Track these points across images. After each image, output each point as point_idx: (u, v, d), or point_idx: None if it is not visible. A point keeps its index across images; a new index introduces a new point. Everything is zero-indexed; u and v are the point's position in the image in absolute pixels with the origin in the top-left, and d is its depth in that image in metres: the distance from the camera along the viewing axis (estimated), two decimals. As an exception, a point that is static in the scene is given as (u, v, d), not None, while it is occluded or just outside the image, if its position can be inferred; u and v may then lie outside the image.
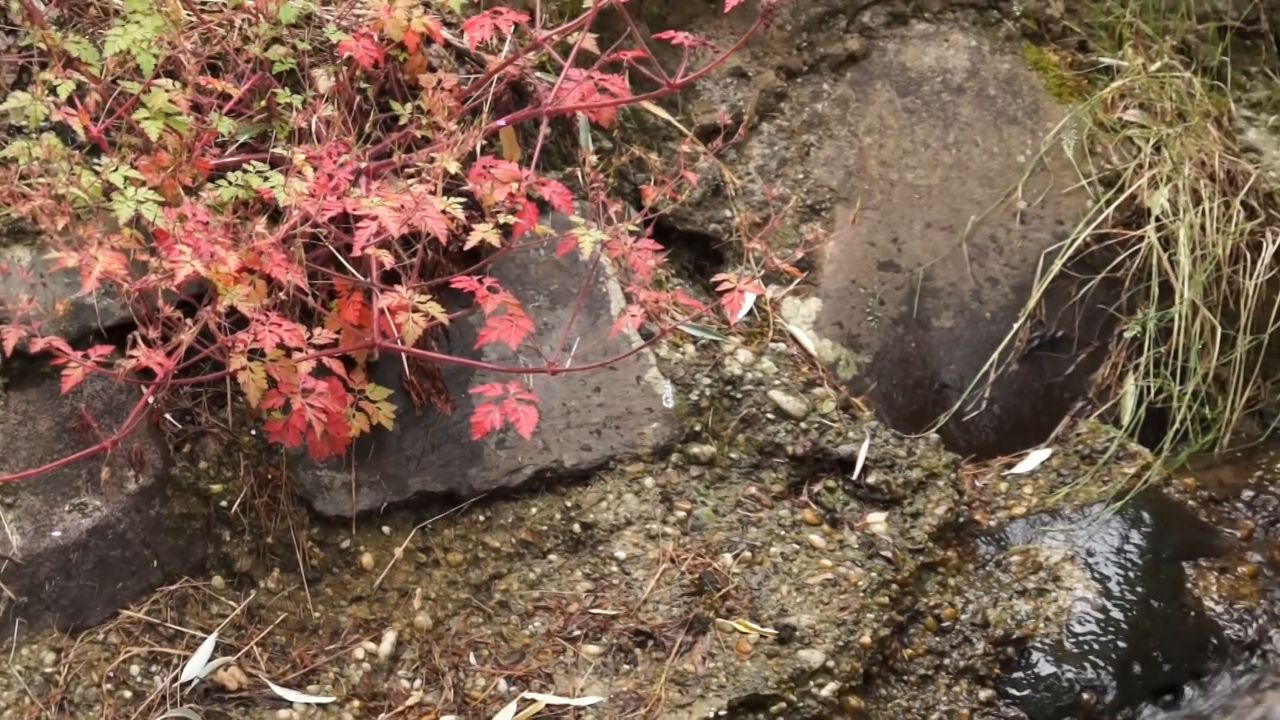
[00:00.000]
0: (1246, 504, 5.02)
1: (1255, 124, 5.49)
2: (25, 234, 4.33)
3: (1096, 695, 4.70)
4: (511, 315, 4.28)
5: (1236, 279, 5.13)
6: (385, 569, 4.58)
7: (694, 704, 4.48)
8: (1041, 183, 5.22)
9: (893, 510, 4.83)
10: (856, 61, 5.26)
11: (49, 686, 4.26)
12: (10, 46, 4.45)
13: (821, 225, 5.07)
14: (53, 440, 4.34)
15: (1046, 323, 5.14)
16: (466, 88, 4.55)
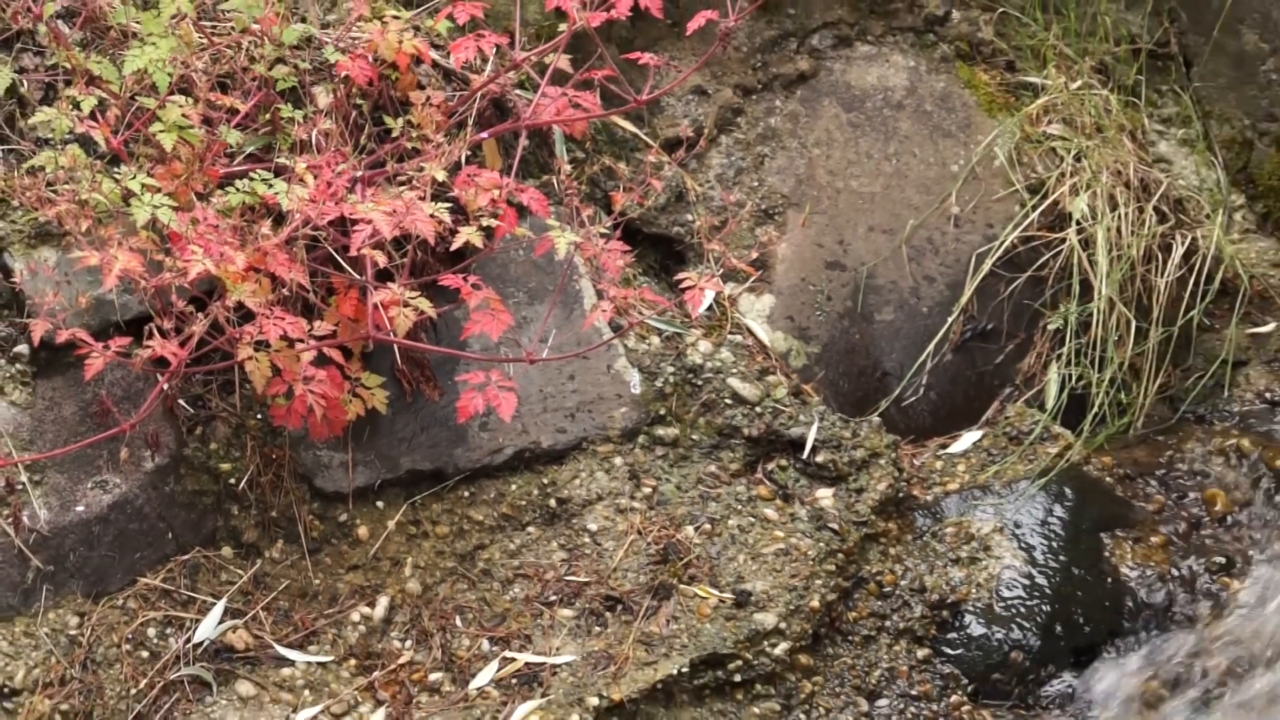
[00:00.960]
0: (1158, 480, 5.01)
1: (1166, 137, 5.50)
2: (52, 236, 4.33)
3: (1023, 654, 4.70)
4: (493, 310, 4.29)
5: (1149, 277, 5.12)
6: (379, 540, 4.58)
7: (659, 662, 4.47)
8: (973, 190, 5.22)
9: (839, 486, 4.82)
10: (806, 80, 5.25)
11: (73, 647, 4.26)
12: (38, 66, 4.44)
13: (774, 228, 5.06)
14: (76, 423, 4.34)
15: (978, 317, 5.14)
16: (452, 104, 4.54)
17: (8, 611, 4.25)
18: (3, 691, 4.19)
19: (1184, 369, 5.23)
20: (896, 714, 4.68)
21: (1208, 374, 5.24)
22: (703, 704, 4.54)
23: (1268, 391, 5.25)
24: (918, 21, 5.38)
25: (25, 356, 4.35)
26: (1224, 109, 5.53)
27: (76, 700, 4.23)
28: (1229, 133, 5.52)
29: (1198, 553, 4.88)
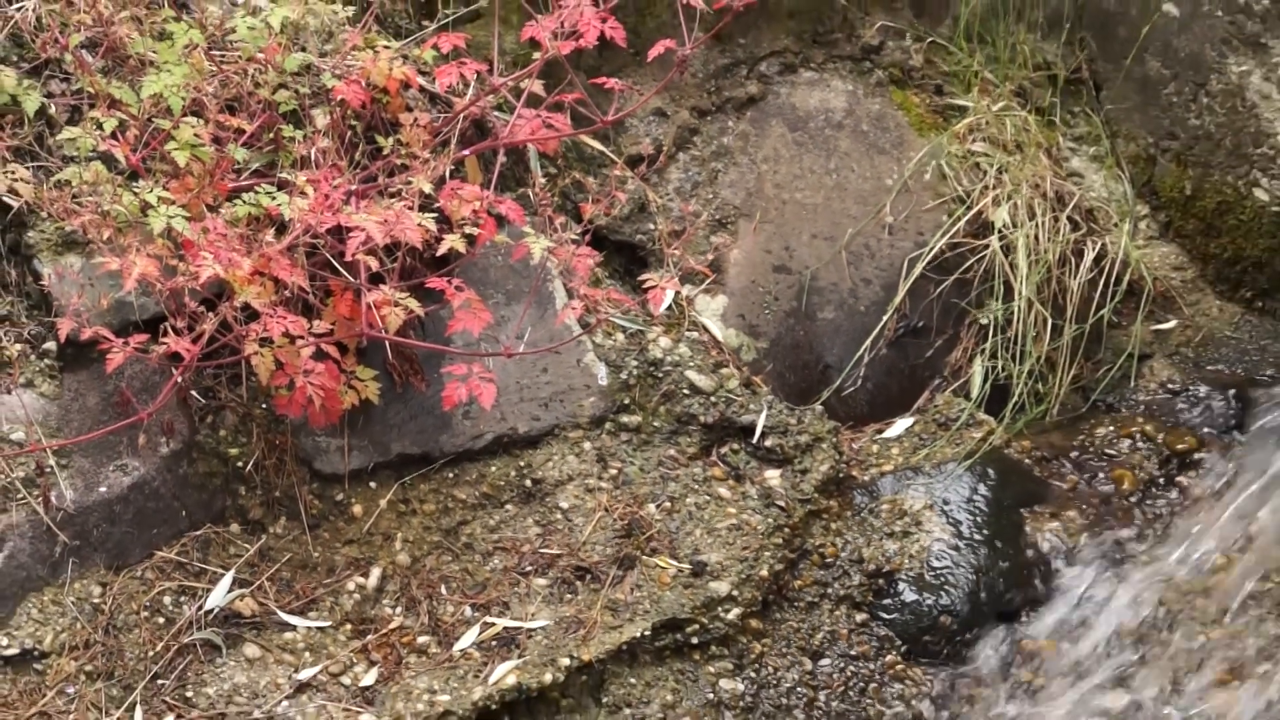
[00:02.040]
0: (1072, 462, 5.02)
1: (1078, 153, 5.50)
2: (76, 243, 4.32)
3: (951, 618, 4.71)
4: (475, 309, 4.29)
5: (1064, 279, 5.12)
6: (372, 517, 4.58)
7: (624, 626, 4.48)
8: (906, 201, 5.21)
9: (785, 468, 4.82)
10: (755, 103, 5.25)
11: (96, 614, 4.26)
12: (65, 90, 4.42)
13: (727, 236, 5.06)
14: (99, 412, 4.34)
15: (910, 315, 5.13)
16: (437, 124, 4.54)
17: (37, 582, 4.25)
18: (33, 654, 4.19)
19: (1095, 362, 5.22)
20: (838, 672, 4.67)
21: (1116, 366, 5.24)
22: (663, 664, 4.54)
23: (1169, 382, 5.24)
24: (855, 50, 5.38)
25: (53, 352, 4.33)
26: (1130, 129, 5.54)
27: (99, 662, 4.23)
28: (1134, 150, 5.53)
29: (1107, 526, 4.89)
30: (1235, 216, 5.35)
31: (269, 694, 4.30)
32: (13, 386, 4.27)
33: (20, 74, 4.41)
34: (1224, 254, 5.40)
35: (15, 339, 4.31)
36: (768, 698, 4.60)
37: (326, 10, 4.53)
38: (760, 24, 5.15)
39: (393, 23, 4.73)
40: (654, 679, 4.53)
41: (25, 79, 4.40)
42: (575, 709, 4.46)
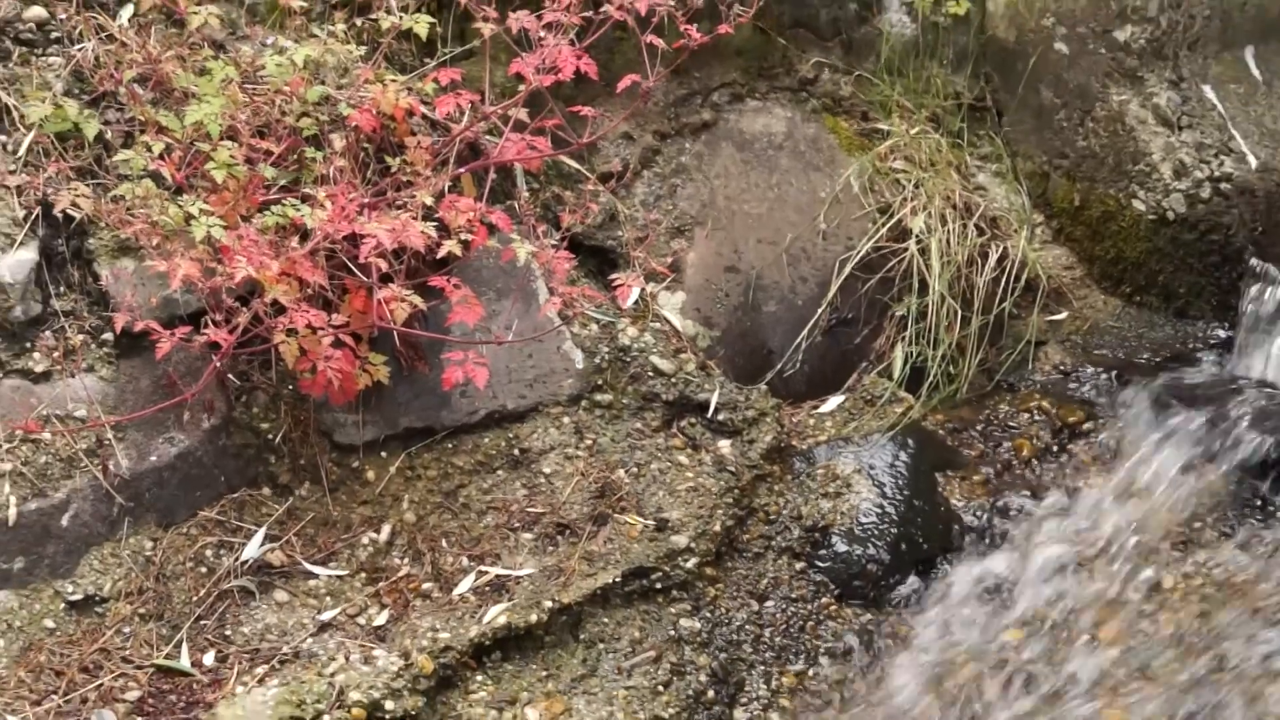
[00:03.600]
0: (979, 433, 5.03)
1: (983, 170, 5.51)
2: (130, 249, 4.32)
3: (877, 565, 4.71)
4: (470, 304, 4.30)
5: (971, 277, 5.13)
6: (383, 481, 4.58)
7: (598, 574, 4.49)
8: (837, 211, 5.20)
9: (735, 439, 4.82)
10: (708, 128, 5.24)
11: (148, 565, 4.28)
12: (119, 119, 4.42)
13: (685, 241, 5.06)
14: (150, 393, 4.34)
15: (841, 308, 5.13)
16: (437, 146, 4.54)
17: (98, 538, 4.26)
18: (94, 599, 4.21)
19: (998, 347, 5.21)
20: (780, 612, 4.67)
21: (1016, 351, 5.23)
22: (632, 606, 4.53)
23: (1061, 364, 5.26)
24: (793, 82, 5.38)
25: (110, 342, 4.33)
26: (1027, 149, 5.54)
27: (151, 605, 4.24)
28: (1031, 167, 5.53)
29: (1009, 487, 4.90)
30: (1117, 224, 5.36)
31: (296, 632, 4.30)
32: (76, 371, 4.27)
33: (81, 104, 4.40)
34: (1107, 256, 5.41)
35: (78, 331, 4.31)
36: (721, 634, 4.59)
37: (342, 50, 4.51)
38: (712, 61, 5.13)
39: (399, 60, 4.72)
40: (624, 618, 4.52)
41: (86, 109, 4.40)
42: (557, 644, 4.44)
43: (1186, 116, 5.34)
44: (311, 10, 4.71)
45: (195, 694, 4.14)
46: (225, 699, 4.10)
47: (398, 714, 4.17)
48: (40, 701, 4.03)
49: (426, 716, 4.23)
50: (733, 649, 4.61)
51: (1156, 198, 5.29)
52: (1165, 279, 5.34)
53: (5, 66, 4.43)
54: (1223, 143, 5.33)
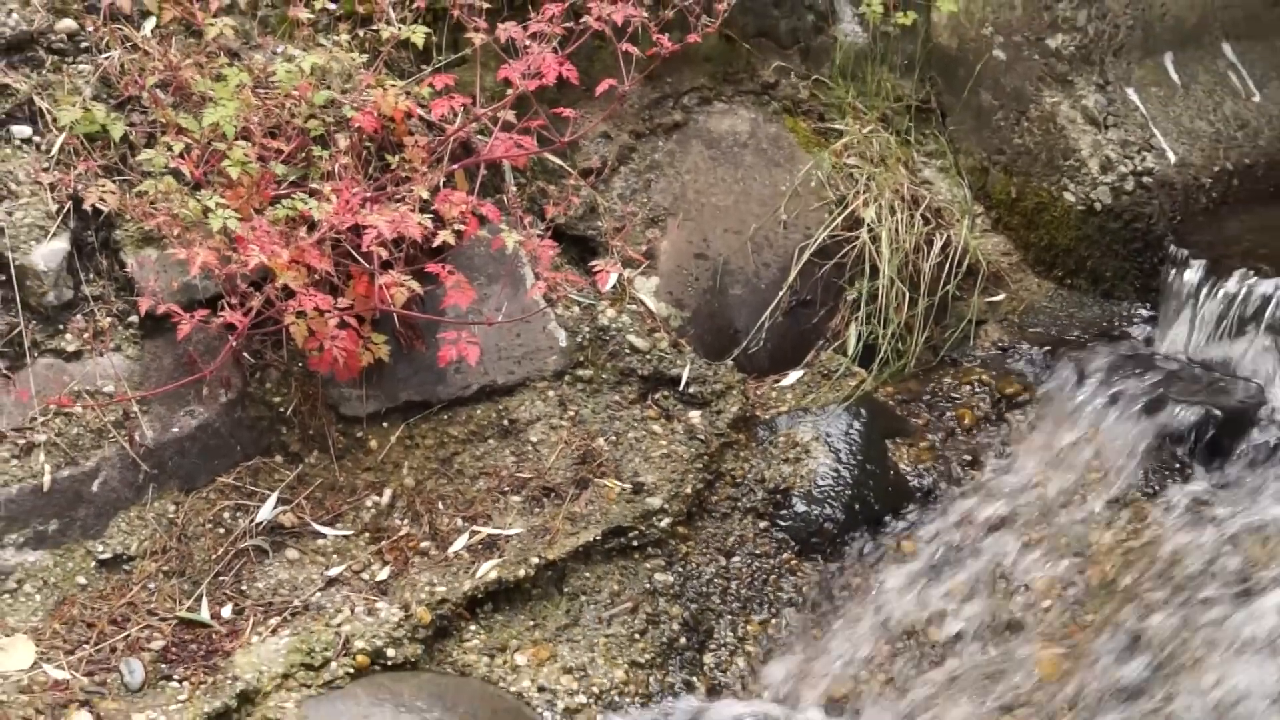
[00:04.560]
0: (925, 404, 5.03)
1: (929, 165, 5.50)
2: (153, 239, 4.32)
3: (833, 524, 4.71)
4: (463, 288, 4.30)
5: (918, 263, 5.12)
6: (384, 450, 4.58)
7: (580, 533, 4.50)
8: (796, 203, 5.19)
9: (704, 409, 4.82)
10: (679, 128, 5.23)
11: (171, 526, 4.29)
12: (142, 121, 4.42)
13: (658, 230, 5.05)
14: (172, 370, 4.34)
15: (800, 291, 5.12)
16: (433, 145, 4.53)
17: (125, 502, 4.26)
18: (122, 558, 4.22)
19: (942, 326, 5.21)
20: (746, 567, 4.68)
21: (958, 330, 5.23)
22: (611, 561, 4.54)
23: (1000, 341, 5.25)
24: (756, 86, 5.37)
25: (135, 324, 4.33)
26: (968, 146, 5.54)
27: (174, 563, 4.26)
28: (971, 163, 5.53)
29: (953, 452, 4.91)
30: (1049, 214, 5.36)
31: (306, 587, 4.31)
32: (105, 351, 4.27)
33: (108, 108, 4.41)
34: (1041, 243, 5.41)
35: (106, 314, 4.31)
36: (691, 587, 4.61)
37: (346, 57, 4.51)
38: (683, 67, 5.12)
39: (397, 66, 4.71)
40: (604, 573, 4.53)
41: (112, 112, 4.40)
42: (543, 597, 4.45)
43: (1112, 116, 5.35)
44: (318, 22, 4.70)
45: (214, 643, 4.15)
46: (242, 648, 4.12)
47: (398, 661, 4.19)
48: (74, 650, 4.04)
49: (425, 663, 4.24)
50: (702, 600, 4.61)
51: (1085, 190, 5.30)
52: (1093, 264, 5.33)
53: (39, 74, 4.43)
54: (1145, 140, 5.35)
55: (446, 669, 4.29)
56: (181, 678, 4.05)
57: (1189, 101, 5.48)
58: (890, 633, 4.54)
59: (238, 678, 4.02)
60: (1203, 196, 5.38)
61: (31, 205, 4.27)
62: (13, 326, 4.21)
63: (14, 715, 3.82)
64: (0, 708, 3.83)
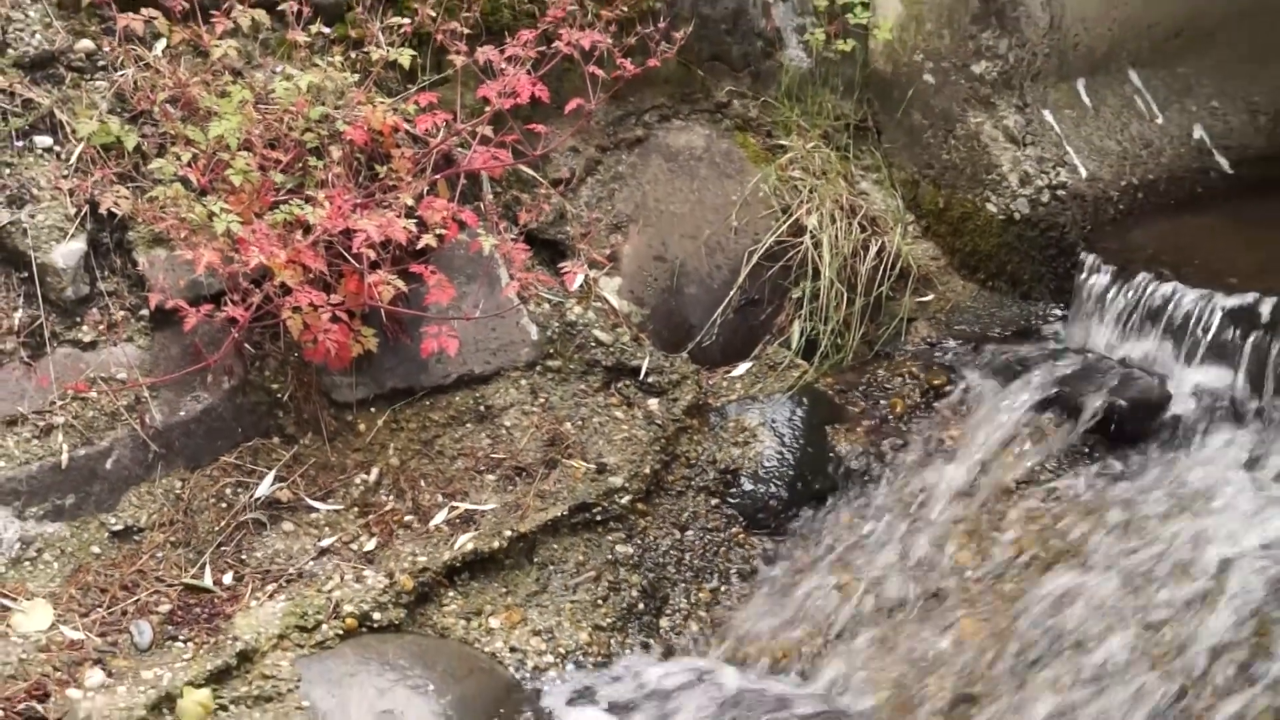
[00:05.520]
0: (861, 393, 5.02)
1: (866, 178, 5.51)
2: (163, 240, 4.31)
3: (777, 501, 4.73)
4: (444, 287, 4.32)
5: (855, 266, 5.13)
6: (372, 432, 4.58)
7: (549, 508, 4.50)
8: (746, 211, 5.19)
9: (662, 397, 4.82)
10: (641, 142, 5.23)
11: (178, 501, 4.28)
12: (153, 133, 4.42)
13: (621, 235, 5.06)
14: (180, 359, 4.33)
15: (749, 291, 5.12)
16: (418, 157, 4.53)
17: (135, 479, 4.26)
18: (133, 529, 4.21)
19: (877, 323, 5.21)
20: (699, 540, 4.69)
21: (891, 326, 5.23)
22: (577, 534, 4.55)
23: (928, 337, 5.26)
24: (711, 106, 5.37)
25: (146, 317, 4.32)
26: (901, 161, 5.55)
27: (180, 534, 4.25)
28: (904, 176, 5.54)
29: (885, 437, 4.90)
30: (973, 223, 5.37)
31: (300, 556, 4.31)
32: (118, 341, 4.27)
33: (122, 121, 4.40)
34: (966, 249, 5.42)
35: (120, 308, 4.31)
36: (649, 557, 4.62)
37: (339, 77, 4.50)
38: (644, 88, 5.12)
39: (386, 85, 4.71)
40: (570, 545, 4.53)
41: (126, 125, 4.39)
42: (515, 566, 4.46)
43: (1030, 135, 5.37)
44: (314, 44, 4.68)
45: (216, 607, 4.14)
46: (241, 611, 4.11)
47: (383, 624, 4.19)
48: (88, 613, 4.03)
49: (407, 626, 4.24)
50: (659, 570, 4.62)
51: (1005, 201, 5.31)
52: (1013, 268, 5.34)
53: (60, 89, 4.41)
54: (1059, 157, 5.36)
55: (427, 631, 4.28)
56: (186, 638, 4.05)
57: (1099, 122, 5.50)
58: (830, 600, 4.53)
59: (237, 639, 4.01)
60: (1111, 208, 5.39)
61: (52, 209, 4.26)
62: (34, 319, 4.21)
63: (34, 672, 3.82)
64: (21, 664, 3.83)
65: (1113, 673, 3.93)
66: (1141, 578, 4.11)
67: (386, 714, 3.94)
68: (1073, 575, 4.23)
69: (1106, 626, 4.03)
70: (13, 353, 4.18)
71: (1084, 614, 4.10)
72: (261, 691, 3.96)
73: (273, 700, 3.94)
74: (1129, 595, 4.09)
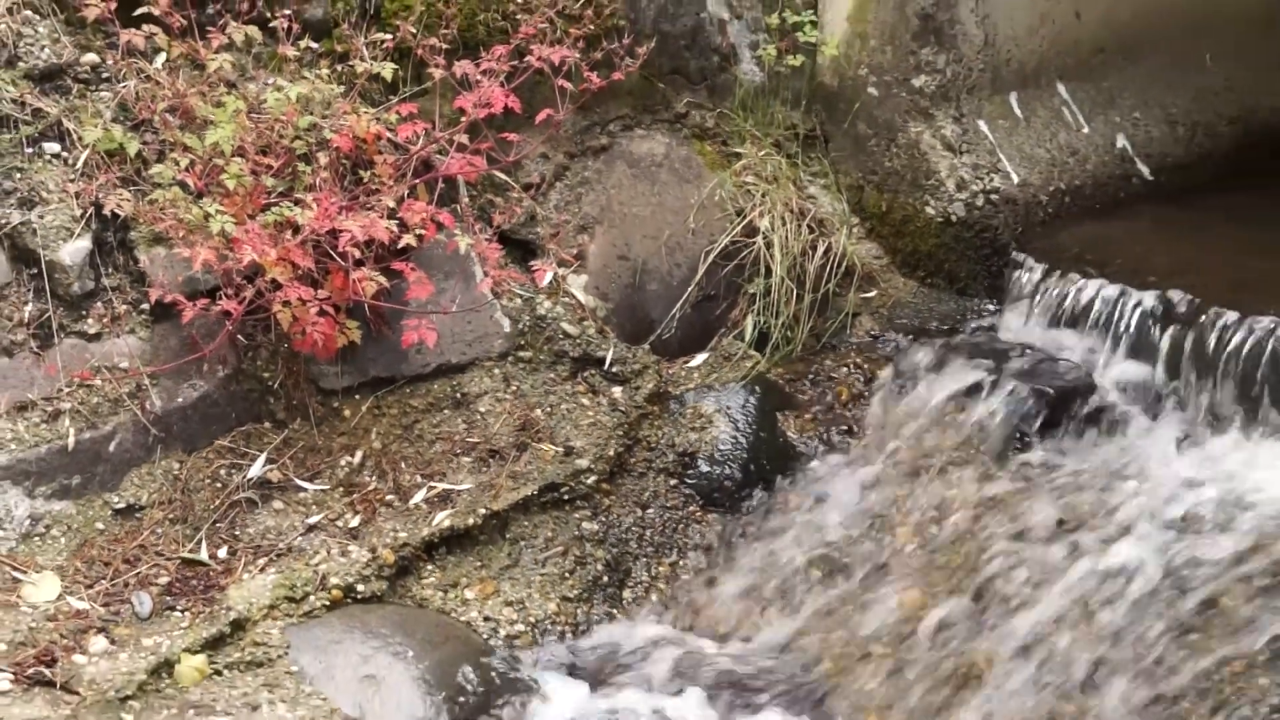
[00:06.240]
0: (809, 382, 5.03)
1: (814, 184, 5.49)
2: (162, 240, 4.30)
3: (732, 482, 4.74)
4: (423, 283, 4.33)
5: (804, 264, 5.13)
6: (356, 418, 4.57)
7: (520, 488, 4.50)
8: (704, 214, 5.17)
9: (625, 386, 4.82)
10: (606, 150, 5.20)
11: (176, 481, 4.28)
12: (153, 140, 4.42)
13: (588, 236, 5.05)
14: (178, 349, 4.33)
15: (706, 287, 5.11)
16: (399, 163, 4.52)
17: (137, 460, 4.26)
18: (134, 507, 4.21)
19: (824, 317, 5.20)
20: (659, 517, 4.69)
21: (837, 320, 5.22)
22: (546, 512, 4.55)
23: (872, 330, 5.24)
24: (671, 116, 5.34)
25: (147, 311, 4.32)
26: (847, 168, 5.53)
27: (178, 512, 4.25)
28: (849, 181, 5.52)
29: (832, 423, 4.92)
30: (913, 225, 5.37)
31: (289, 532, 4.31)
32: (121, 333, 4.27)
33: (125, 129, 4.39)
34: (907, 249, 5.41)
35: (122, 302, 4.31)
36: (613, 533, 4.62)
37: (326, 88, 4.49)
38: (609, 100, 5.09)
39: (370, 96, 4.68)
40: (540, 522, 4.53)
41: (129, 132, 4.39)
42: (489, 542, 4.46)
43: (966, 144, 5.37)
44: (303, 58, 4.66)
45: (212, 579, 4.15)
46: (235, 583, 4.13)
47: (367, 595, 4.20)
48: (92, 585, 4.04)
49: (389, 597, 4.25)
50: (622, 545, 4.62)
51: (943, 205, 5.31)
52: (950, 266, 5.34)
53: (67, 99, 4.40)
54: (993, 164, 5.37)
55: (407, 602, 4.29)
56: (184, 608, 4.05)
57: (1030, 132, 5.51)
58: (780, 573, 4.54)
59: (231, 608, 4.03)
60: (1040, 211, 5.40)
61: (60, 210, 4.26)
62: (43, 312, 4.20)
63: (42, 639, 3.83)
64: (31, 632, 3.84)
65: (1042, 636, 3.97)
66: (1065, 549, 4.15)
67: (369, 678, 3.94)
68: (1005, 546, 4.26)
69: (1033, 593, 4.07)
70: (23, 343, 4.17)
71: (1017, 584, 4.13)
72: (253, 657, 3.97)
73: (264, 665, 3.95)
74: (1057, 565, 4.12)
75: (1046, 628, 3.97)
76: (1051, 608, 4.00)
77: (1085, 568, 4.05)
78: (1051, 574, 4.10)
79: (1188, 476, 4.31)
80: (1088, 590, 4.01)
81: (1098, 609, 3.95)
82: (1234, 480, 4.23)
